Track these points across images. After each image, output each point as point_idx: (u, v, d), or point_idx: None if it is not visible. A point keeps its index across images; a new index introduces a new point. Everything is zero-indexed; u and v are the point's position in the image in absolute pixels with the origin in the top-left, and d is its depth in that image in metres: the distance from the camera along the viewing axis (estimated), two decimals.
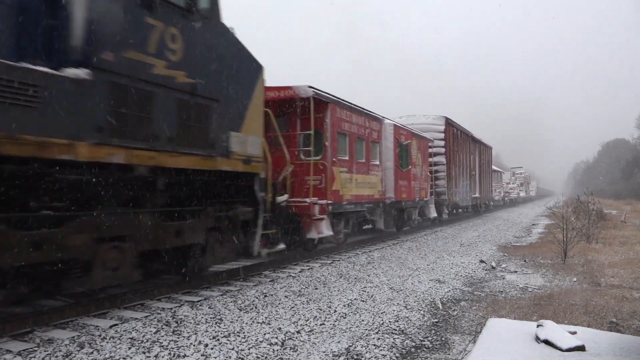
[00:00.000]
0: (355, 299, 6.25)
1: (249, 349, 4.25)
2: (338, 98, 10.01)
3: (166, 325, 4.72)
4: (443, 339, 4.97)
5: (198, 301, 5.70)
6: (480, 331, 3.89)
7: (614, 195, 54.24)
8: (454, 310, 6.12)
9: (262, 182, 6.97)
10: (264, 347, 4.33)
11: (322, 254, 9.82)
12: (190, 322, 4.85)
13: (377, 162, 12.12)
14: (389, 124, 12.78)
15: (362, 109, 11.41)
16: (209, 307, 5.44)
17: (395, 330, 5.12)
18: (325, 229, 9.00)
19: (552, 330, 3.38)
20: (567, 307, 5.97)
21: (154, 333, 4.47)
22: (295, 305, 5.79)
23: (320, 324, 5.13)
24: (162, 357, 3.95)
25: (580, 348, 3.14)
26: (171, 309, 5.31)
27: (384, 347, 4.52)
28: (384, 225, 12.80)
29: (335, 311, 5.64)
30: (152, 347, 4.13)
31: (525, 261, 10.33)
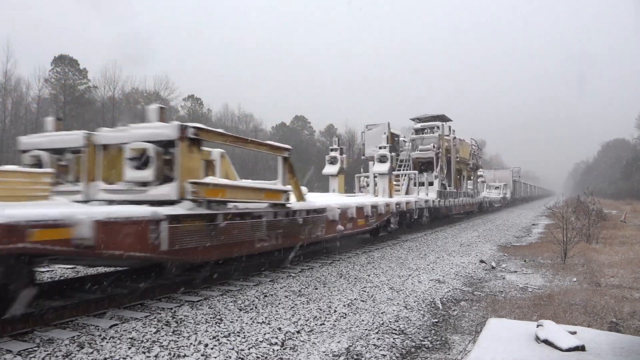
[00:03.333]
0: (355, 299, 6.25)
1: (249, 349, 4.25)
2: None
3: (166, 325, 4.73)
4: (443, 339, 4.97)
5: (198, 301, 5.70)
6: (480, 331, 3.89)
7: (614, 195, 54.19)
8: (454, 310, 6.11)
9: None
10: (264, 347, 4.33)
11: (322, 254, 9.83)
12: (190, 322, 4.86)
13: None
14: None
15: None
16: (209, 307, 5.44)
17: (395, 330, 5.12)
18: None
19: (552, 330, 3.38)
20: (567, 307, 5.97)
21: (154, 333, 4.47)
22: (295, 305, 5.79)
23: (320, 324, 5.13)
24: (162, 357, 3.95)
25: (580, 348, 3.14)
26: (171, 309, 5.31)
27: (384, 347, 4.52)
28: None
29: (335, 311, 5.64)
30: (152, 347, 4.13)
31: (525, 261, 10.32)
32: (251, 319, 5.11)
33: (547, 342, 3.26)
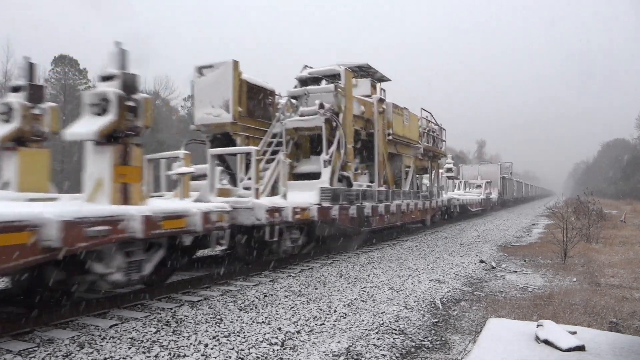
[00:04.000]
0: (355, 299, 6.25)
1: (249, 349, 4.25)
2: None
3: (166, 325, 4.73)
4: (443, 339, 4.97)
5: (198, 301, 5.70)
6: (480, 331, 3.89)
7: (614, 195, 54.19)
8: (454, 310, 6.11)
9: None
10: (264, 347, 4.33)
11: (322, 254, 9.83)
12: (190, 322, 4.86)
13: None
14: None
15: None
16: (209, 307, 5.44)
17: (395, 330, 5.12)
18: None
19: (552, 330, 3.38)
20: (567, 307, 5.97)
21: (154, 333, 4.47)
22: (295, 305, 5.79)
23: (320, 324, 5.13)
24: (162, 357, 3.95)
25: (580, 348, 3.15)
26: (171, 309, 5.31)
27: (384, 347, 4.52)
28: None
29: (335, 311, 5.64)
30: (152, 347, 4.13)
31: (525, 261, 10.32)
32: (251, 319, 5.11)
33: (547, 342, 3.26)
